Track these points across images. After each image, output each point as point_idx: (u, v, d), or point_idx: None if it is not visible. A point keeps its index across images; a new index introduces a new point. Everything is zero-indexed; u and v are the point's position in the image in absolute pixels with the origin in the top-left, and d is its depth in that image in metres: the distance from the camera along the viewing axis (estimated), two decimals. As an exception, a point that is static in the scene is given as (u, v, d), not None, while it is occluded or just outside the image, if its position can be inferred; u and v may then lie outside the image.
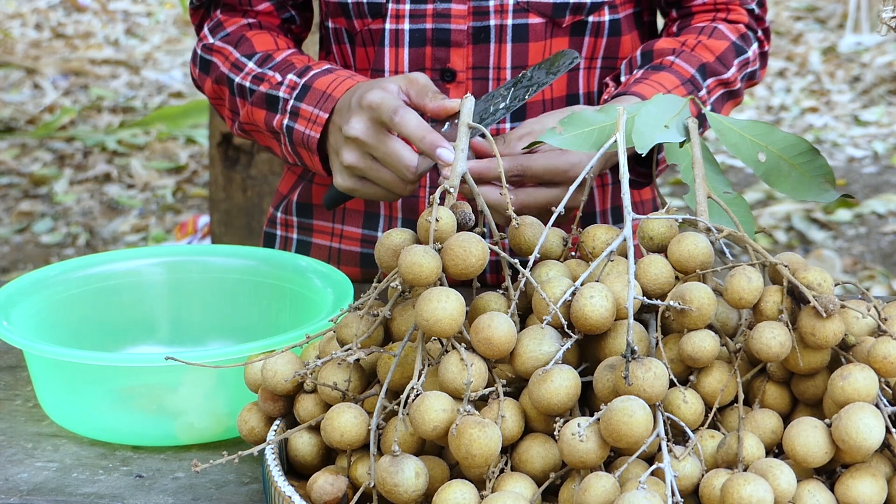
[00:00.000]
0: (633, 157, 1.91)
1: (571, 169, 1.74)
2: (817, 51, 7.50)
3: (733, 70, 1.99)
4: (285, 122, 1.90)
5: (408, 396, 1.34)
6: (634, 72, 1.95)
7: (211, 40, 2.06)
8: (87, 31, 7.92)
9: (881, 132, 6.37)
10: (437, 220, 1.38)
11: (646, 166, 1.94)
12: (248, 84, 1.97)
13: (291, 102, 1.91)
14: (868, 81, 6.99)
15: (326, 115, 1.85)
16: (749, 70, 2.04)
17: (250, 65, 1.99)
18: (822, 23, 8.02)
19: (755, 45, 2.06)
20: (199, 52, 2.07)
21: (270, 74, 1.96)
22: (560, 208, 1.45)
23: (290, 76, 1.94)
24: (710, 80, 1.96)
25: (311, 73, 1.93)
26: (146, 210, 5.64)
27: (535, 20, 1.96)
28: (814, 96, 6.87)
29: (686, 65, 1.95)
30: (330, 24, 2.06)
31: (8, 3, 8.10)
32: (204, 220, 5.05)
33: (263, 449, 1.42)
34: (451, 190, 1.44)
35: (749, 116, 6.54)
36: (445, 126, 1.74)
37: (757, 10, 2.09)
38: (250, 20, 2.07)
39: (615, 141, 1.46)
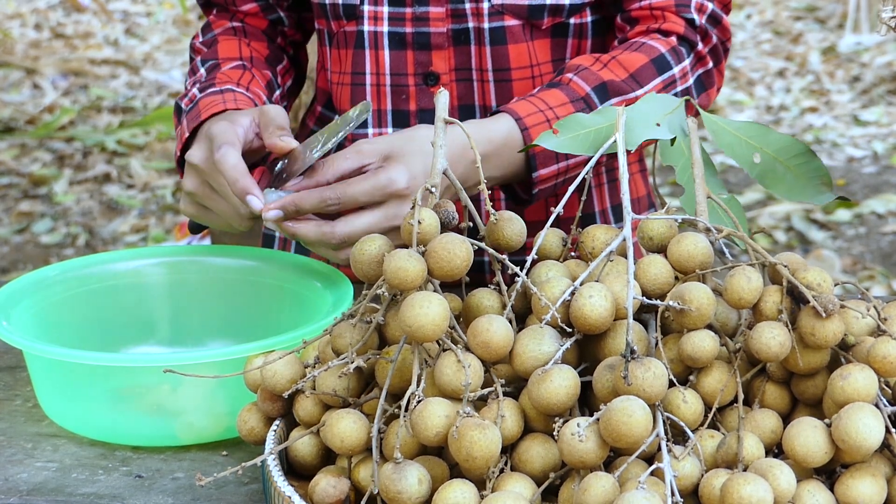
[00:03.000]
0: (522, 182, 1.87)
1: (389, 184, 1.67)
2: (817, 51, 7.51)
3: (648, 88, 1.88)
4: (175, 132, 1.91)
5: (408, 402, 1.34)
6: (535, 89, 1.90)
7: (198, 39, 2.07)
8: (87, 31, 7.93)
9: (881, 132, 6.37)
10: (419, 223, 1.37)
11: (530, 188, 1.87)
12: (187, 87, 1.98)
13: (183, 116, 1.92)
14: (868, 81, 6.99)
15: (187, 134, 1.85)
16: (678, 89, 1.91)
17: (201, 70, 2.00)
18: (822, 23, 8.02)
19: (687, 62, 1.93)
20: (189, 49, 2.09)
21: (200, 84, 1.96)
22: (559, 208, 1.45)
23: (194, 90, 1.94)
24: (613, 100, 1.86)
25: (209, 90, 1.92)
26: (146, 210, 5.64)
27: (511, 22, 1.94)
28: (813, 96, 6.87)
29: (583, 83, 1.86)
30: (317, 26, 2.06)
31: (8, 3, 8.10)
32: (204, 220, 5.04)
33: (263, 452, 1.41)
34: (433, 190, 1.43)
35: (748, 117, 6.54)
36: (315, 152, 1.71)
37: (700, 21, 1.95)
38: (236, 23, 2.08)
39: (614, 141, 1.46)
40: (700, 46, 1.95)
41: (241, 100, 1.89)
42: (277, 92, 2.03)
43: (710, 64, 1.97)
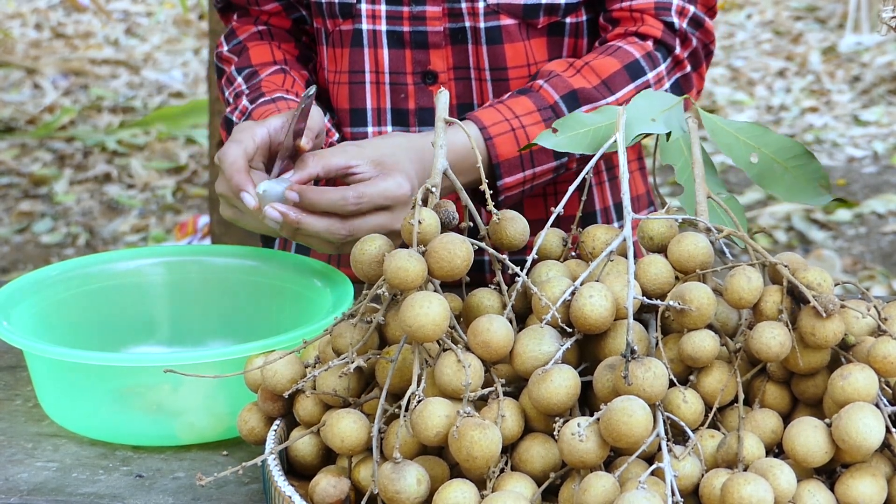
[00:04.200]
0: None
1: (398, 188, 1.69)
2: (817, 51, 7.51)
3: (619, 95, 1.88)
4: None
5: (409, 402, 1.34)
6: (507, 94, 1.91)
7: (224, 48, 2.07)
8: (87, 31, 7.93)
9: (881, 132, 6.37)
10: (419, 223, 1.37)
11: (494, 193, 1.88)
12: (231, 100, 1.98)
13: (234, 124, 1.92)
14: (868, 81, 6.99)
15: None
16: None
17: (238, 80, 2.00)
18: (822, 22, 8.02)
19: (662, 67, 1.93)
20: (215, 59, 2.08)
21: (245, 94, 1.96)
22: (559, 208, 1.45)
23: (245, 101, 1.94)
24: (583, 108, 1.86)
25: (260, 100, 1.92)
26: (146, 210, 5.64)
27: (507, 21, 1.95)
28: (814, 96, 6.88)
29: (552, 90, 1.87)
30: (314, 24, 2.06)
31: (8, 3, 8.10)
32: (204, 220, 5.05)
33: (264, 452, 1.42)
34: (433, 189, 1.44)
35: (749, 117, 6.54)
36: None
37: (680, 25, 1.94)
38: (260, 27, 2.07)
39: (615, 141, 1.47)
40: (678, 51, 1.94)
41: (293, 107, 1.88)
42: (314, 89, 2.03)
43: (689, 68, 1.96)
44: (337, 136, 1.98)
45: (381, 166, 1.72)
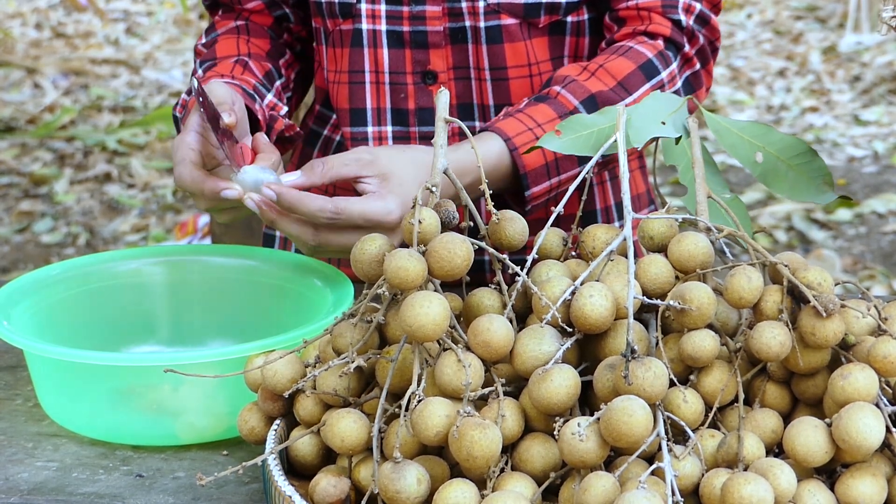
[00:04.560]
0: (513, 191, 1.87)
1: (385, 216, 1.69)
2: (817, 50, 7.50)
3: (636, 95, 1.88)
4: None
5: (409, 402, 1.34)
6: (523, 101, 1.90)
7: (201, 42, 2.07)
8: (88, 30, 7.93)
9: (881, 132, 6.37)
10: (420, 222, 1.37)
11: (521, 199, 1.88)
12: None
13: (180, 125, 1.92)
14: (868, 81, 6.99)
15: None
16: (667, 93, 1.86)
17: (199, 72, 2.00)
18: (823, 22, 8.02)
19: (674, 66, 1.93)
20: (193, 54, 2.09)
21: (188, 87, 1.96)
22: (559, 208, 1.45)
23: (184, 94, 1.95)
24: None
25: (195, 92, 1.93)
26: (146, 210, 5.64)
27: (508, 21, 1.94)
28: (814, 96, 6.87)
29: (571, 96, 1.86)
30: (313, 24, 2.06)
31: (8, 3, 8.10)
32: (204, 219, 5.05)
33: (264, 452, 1.42)
34: (434, 189, 1.43)
35: (749, 116, 6.54)
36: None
37: (687, 22, 1.94)
38: (240, 22, 2.07)
39: (615, 141, 1.46)
40: (687, 48, 1.94)
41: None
42: (279, 82, 2.02)
43: (698, 65, 1.96)
44: (285, 109, 1.96)
45: (384, 184, 1.71)
